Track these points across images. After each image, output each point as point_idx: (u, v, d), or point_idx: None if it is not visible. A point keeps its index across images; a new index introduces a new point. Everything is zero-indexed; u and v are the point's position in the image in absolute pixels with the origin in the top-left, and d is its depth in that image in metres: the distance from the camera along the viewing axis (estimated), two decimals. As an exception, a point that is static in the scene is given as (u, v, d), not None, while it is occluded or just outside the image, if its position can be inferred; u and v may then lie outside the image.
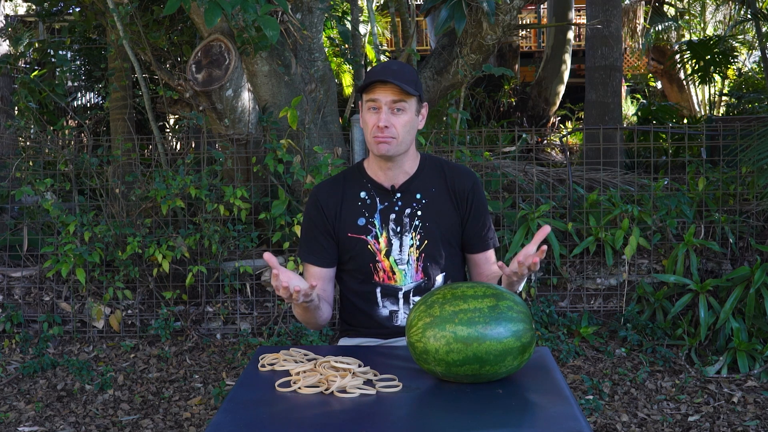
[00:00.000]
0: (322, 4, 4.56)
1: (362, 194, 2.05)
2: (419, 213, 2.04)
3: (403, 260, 2.04)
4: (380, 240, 2.03)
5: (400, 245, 2.04)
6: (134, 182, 4.45)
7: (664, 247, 4.34)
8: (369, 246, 2.03)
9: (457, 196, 2.06)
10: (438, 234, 2.04)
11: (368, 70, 2.06)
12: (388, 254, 2.04)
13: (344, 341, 2.16)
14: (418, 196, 2.05)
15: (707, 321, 3.83)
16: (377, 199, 2.05)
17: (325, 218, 2.04)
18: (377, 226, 2.03)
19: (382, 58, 7.22)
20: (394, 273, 2.05)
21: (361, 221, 2.04)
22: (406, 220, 2.03)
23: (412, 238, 2.03)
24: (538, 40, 14.38)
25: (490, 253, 2.13)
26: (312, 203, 2.07)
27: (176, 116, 6.33)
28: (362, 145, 4.31)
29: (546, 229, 1.75)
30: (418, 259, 2.04)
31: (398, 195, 2.04)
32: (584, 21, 9.72)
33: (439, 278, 2.08)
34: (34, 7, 7.11)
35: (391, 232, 2.03)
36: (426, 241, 2.04)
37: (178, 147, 6.42)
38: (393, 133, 1.93)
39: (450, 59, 4.67)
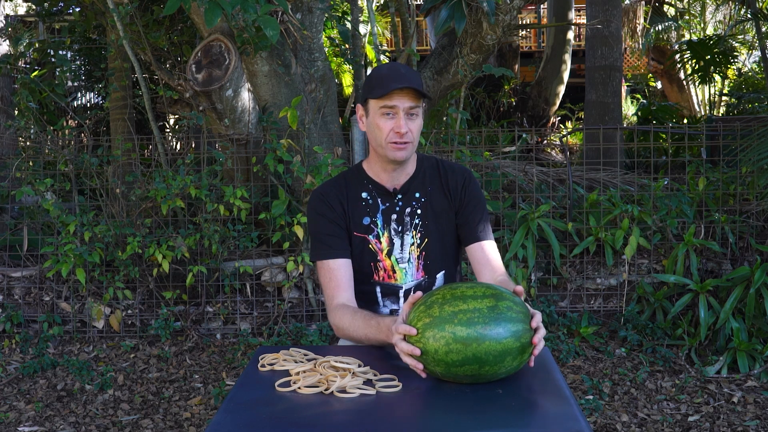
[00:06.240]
0: (322, 4, 4.56)
1: (364, 195, 2.06)
2: (419, 211, 2.06)
3: (404, 259, 2.05)
4: (382, 239, 2.05)
5: (401, 244, 2.05)
6: (134, 182, 4.45)
7: (664, 247, 4.34)
8: (370, 245, 2.05)
9: (451, 193, 2.08)
10: (437, 232, 2.06)
11: (372, 72, 2.03)
12: (389, 253, 2.05)
13: (344, 341, 2.16)
14: (417, 195, 2.07)
15: (707, 321, 3.83)
16: (379, 200, 2.06)
17: (336, 214, 2.04)
18: (379, 226, 2.05)
19: (382, 58, 7.22)
20: (394, 272, 2.06)
21: (366, 220, 2.05)
22: (407, 218, 2.05)
23: (412, 237, 2.05)
24: (538, 40, 14.37)
25: (486, 246, 2.05)
26: (320, 201, 2.05)
27: (176, 116, 6.33)
28: (362, 145, 4.31)
29: (520, 289, 1.68)
30: (419, 258, 2.06)
31: (399, 196, 2.06)
32: (584, 21, 9.72)
33: (440, 276, 2.09)
34: (34, 7, 7.10)
35: (392, 232, 2.05)
36: (426, 239, 2.05)
37: (178, 147, 6.42)
38: (410, 138, 1.94)
39: (450, 59, 4.67)
